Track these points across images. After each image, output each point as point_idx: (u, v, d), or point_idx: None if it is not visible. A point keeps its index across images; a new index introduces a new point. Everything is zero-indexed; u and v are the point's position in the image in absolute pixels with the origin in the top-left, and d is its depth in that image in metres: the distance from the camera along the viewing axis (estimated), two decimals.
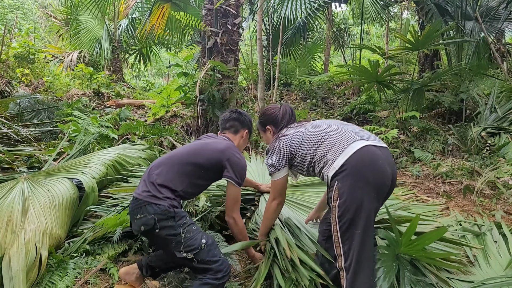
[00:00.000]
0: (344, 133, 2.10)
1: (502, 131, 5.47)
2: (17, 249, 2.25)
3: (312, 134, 2.22)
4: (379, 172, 1.96)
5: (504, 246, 2.73)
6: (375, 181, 1.94)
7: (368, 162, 1.95)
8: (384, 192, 2.02)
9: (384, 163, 1.98)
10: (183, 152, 2.42)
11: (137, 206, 2.18)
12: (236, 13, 5.84)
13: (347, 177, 1.94)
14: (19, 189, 2.81)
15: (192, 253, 2.11)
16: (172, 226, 2.13)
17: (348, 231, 1.93)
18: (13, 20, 14.81)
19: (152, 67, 19.59)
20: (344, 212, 1.92)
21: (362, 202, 1.91)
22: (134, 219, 2.18)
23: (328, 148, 2.09)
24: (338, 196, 1.95)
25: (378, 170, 1.95)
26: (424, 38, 5.71)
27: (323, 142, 2.14)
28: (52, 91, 9.15)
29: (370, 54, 14.95)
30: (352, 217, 1.91)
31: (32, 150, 4.62)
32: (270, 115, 2.56)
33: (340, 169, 1.97)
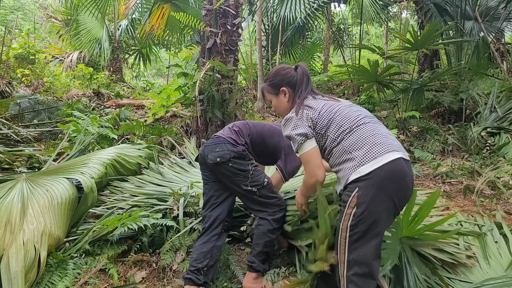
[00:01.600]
0: (379, 136, 1.88)
1: (502, 130, 5.47)
2: (16, 249, 2.24)
3: (343, 120, 1.96)
4: (404, 190, 1.84)
5: (505, 246, 2.72)
6: (399, 198, 1.82)
7: (398, 178, 1.81)
8: (402, 208, 1.94)
9: (410, 180, 1.85)
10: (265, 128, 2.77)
11: (218, 142, 2.53)
12: (236, 14, 5.83)
13: (371, 187, 1.77)
14: (18, 190, 2.81)
15: (257, 188, 2.47)
16: (242, 164, 2.49)
17: (358, 242, 1.80)
18: (14, 21, 14.81)
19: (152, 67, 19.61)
20: (359, 223, 1.78)
21: (381, 217, 1.78)
22: (211, 151, 2.49)
23: (358, 145, 1.86)
24: (356, 204, 1.78)
25: (404, 187, 1.83)
26: (424, 38, 5.71)
27: (352, 134, 1.90)
28: (52, 91, 9.15)
29: (369, 54, 14.94)
30: (366, 230, 1.78)
31: (32, 151, 4.62)
32: (286, 74, 2.25)
33: (366, 176, 1.78)
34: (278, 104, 2.28)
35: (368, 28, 18.59)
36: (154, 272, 2.62)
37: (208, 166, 2.55)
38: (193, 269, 2.36)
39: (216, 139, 2.57)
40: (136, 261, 2.68)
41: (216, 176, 2.57)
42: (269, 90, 2.30)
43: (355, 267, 1.79)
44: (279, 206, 2.52)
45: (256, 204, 2.53)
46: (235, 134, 2.61)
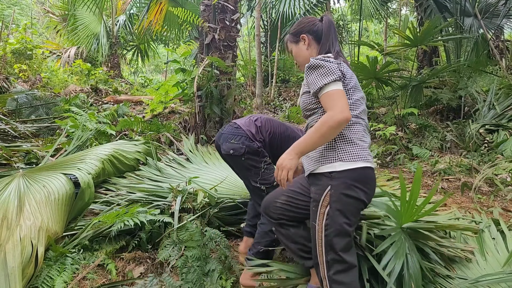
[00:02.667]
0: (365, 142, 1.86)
1: (501, 128, 5.48)
2: (12, 245, 2.24)
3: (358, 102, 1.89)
4: (372, 194, 1.87)
5: (502, 243, 2.73)
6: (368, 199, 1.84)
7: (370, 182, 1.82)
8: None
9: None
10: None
11: (235, 133, 2.52)
12: (234, 9, 5.81)
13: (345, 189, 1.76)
14: (15, 186, 2.80)
15: (265, 186, 2.50)
16: (256, 160, 2.50)
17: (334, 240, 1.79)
18: (11, 16, 14.73)
19: (150, 63, 19.57)
20: (332, 223, 1.77)
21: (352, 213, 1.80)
22: (226, 141, 2.50)
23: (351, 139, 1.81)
24: (329, 203, 1.77)
25: (373, 191, 1.86)
26: (423, 35, 5.70)
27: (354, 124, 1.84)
28: (50, 87, 9.11)
29: (368, 51, 14.93)
30: (340, 227, 1.77)
31: (29, 146, 4.60)
32: (308, 23, 2.08)
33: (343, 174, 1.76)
34: (297, 53, 2.11)
35: (367, 24, 18.57)
36: (152, 267, 2.62)
37: (222, 154, 2.59)
38: (251, 224, 2.65)
39: (234, 129, 2.56)
40: (134, 256, 2.68)
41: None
42: (290, 39, 2.15)
43: (335, 265, 1.78)
44: None
45: (261, 200, 2.44)
46: (255, 128, 2.58)
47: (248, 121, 2.62)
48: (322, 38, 2.01)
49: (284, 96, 10.93)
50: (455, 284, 2.30)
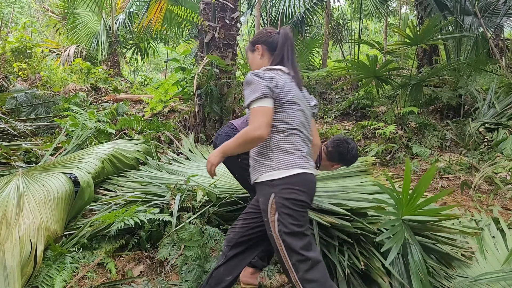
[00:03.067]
0: (303, 152, 1.94)
1: (500, 126, 5.47)
2: (11, 244, 2.23)
3: (295, 114, 1.97)
4: (313, 195, 1.95)
5: (502, 241, 2.74)
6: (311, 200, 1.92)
7: (310, 186, 1.90)
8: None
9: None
10: None
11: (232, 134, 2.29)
12: (234, 8, 5.80)
13: (287, 193, 1.83)
14: (14, 184, 2.80)
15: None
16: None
17: (292, 244, 1.83)
18: (10, 15, 14.72)
19: (150, 62, 19.55)
20: (284, 227, 1.82)
21: (301, 215, 1.85)
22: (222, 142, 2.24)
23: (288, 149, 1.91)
24: (276, 210, 1.83)
25: (313, 194, 1.94)
26: (423, 33, 5.69)
27: (292, 135, 1.94)
28: (49, 85, 9.10)
29: (368, 49, 14.92)
30: (293, 230, 1.82)
31: (29, 145, 4.60)
32: (265, 34, 2.17)
33: (282, 180, 1.84)
34: (252, 61, 2.20)
35: (367, 23, 18.56)
36: (151, 266, 2.62)
37: None
38: None
39: (230, 129, 2.55)
40: (133, 255, 2.68)
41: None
42: (248, 47, 2.25)
43: (301, 265, 1.81)
44: None
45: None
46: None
47: (244, 122, 2.58)
48: (276, 49, 2.08)
49: None
50: (455, 282, 2.30)
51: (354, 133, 6.51)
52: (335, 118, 8.32)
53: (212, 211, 3.01)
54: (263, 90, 1.85)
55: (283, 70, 2.03)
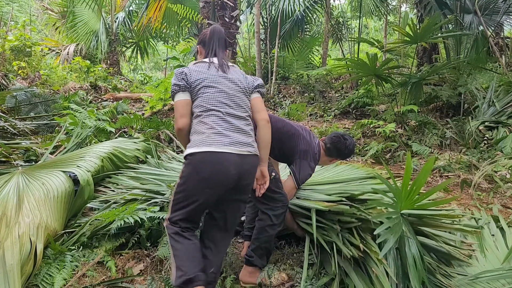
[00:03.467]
0: (215, 131, 2.05)
1: (500, 124, 5.48)
2: (11, 243, 2.24)
3: (209, 98, 2.12)
4: (216, 176, 2.01)
5: (501, 239, 2.74)
6: (213, 181, 2.00)
7: (211, 165, 2.00)
8: (223, 190, 2.07)
9: (230, 171, 2.01)
10: None
11: None
12: (234, 6, 5.80)
13: (189, 166, 2.04)
14: (14, 183, 2.80)
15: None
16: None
17: (176, 206, 2.08)
18: (9, 13, 14.69)
19: (150, 60, 19.51)
20: (179, 192, 2.06)
21: (194, 190, 2.03)
22: None
23: (201, 129, 2.07)
24: (180, 177, 2.08)
25: (216, 174, 2.00)
26: (423, 31, 5.69)
27: (206, 117, 2.09)
28: (49, 84, 9.10)
29: (368, 48, 14.90)
30: (183, 198, 2.05)
31: (29, 144, 4.60)
32: (202, 34, 2.39)
33: (191, 156, 2.03)
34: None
35: (367, 21, 18.54)
36: (152, 264, 2.62)
37: None
38: (250, 226, 2.70)
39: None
40: (133, 253, 2.68)
41: None
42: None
43: (169, 228, 2.07)
44: (281, 202, 2.47)
45: (262, 198, 2.42)
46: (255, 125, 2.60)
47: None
48: (206, 43, 2.31)
49: (284, 93, 10.91)
50: (455, 280, 2.30)
51: (354, 132, 6.51)
52: (335, 116, 8.31)
53: None
54: (172, 88, 2.14)
55: (205, 61, 2.24)
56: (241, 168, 2.05)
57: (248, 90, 2.28)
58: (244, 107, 2.21)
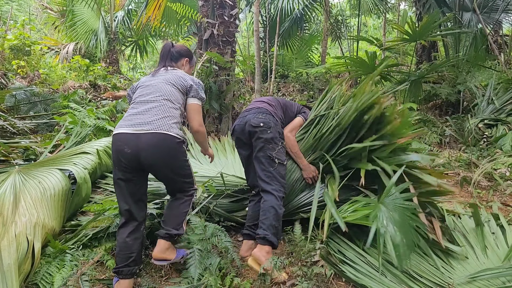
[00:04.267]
0: (128, 115, 2.41)
1: (500, 122, 5.48)
2: (7, 242, 2.23)
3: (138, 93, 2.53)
4: (116, 153, 2.31)
5: (502, 237, 2.74)
6: (115, 158, 2.33)
7: (114, 145, 2.33)
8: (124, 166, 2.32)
9: (125, 148, 2.27)
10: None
11: (261, 111, 2.87)
12: (233, 4, 5.79)
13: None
14: (11, 182, 2.79)
15: (278, 161, 2.76)
16: (277, 137, 2.82)
17: None
18: (9, 12, 14.67)
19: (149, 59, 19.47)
20: None
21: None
22: (255, 117, 2.82)
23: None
24: None
25: (116, 152, 2.31)
26: (422, 29, 5.68)
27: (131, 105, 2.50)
28: (48, 83, 9.07)
29: (367, 46, 14.90)
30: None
31: (28, 143, 4.59)
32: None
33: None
34: None
35: (366, 19, 18.52)
36: (151, 264, 2.62)
37: (245, 132, 2.84)
38: (251, 224, 2.81)
39: (257, 109, 2.90)
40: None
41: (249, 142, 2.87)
42: None
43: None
44: (283, 188, 2.74)
45: (267, 175, 2.73)
46: (272, 107, 2.96)
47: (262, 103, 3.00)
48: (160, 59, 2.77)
49: (283, 92, 10.91)
50: (455, 278, 2.31)
51: None
52: None
53: (212, 207, 3.03)
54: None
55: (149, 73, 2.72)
56: (136, 147, 2.26)
57: (182, 88, 2.56)
58: (163, 94, 2.46)
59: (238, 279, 2.40)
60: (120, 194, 2.35)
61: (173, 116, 2.41)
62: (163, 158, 2.33)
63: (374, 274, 2.30)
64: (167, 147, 2.31)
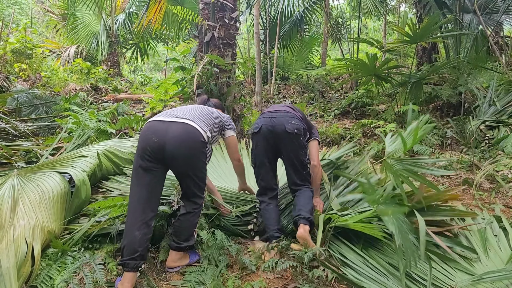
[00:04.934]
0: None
1: (501, 124, 5.47)
2: (6, 245, 2.22)
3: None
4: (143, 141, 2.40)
5: (504, 239, 2.73)
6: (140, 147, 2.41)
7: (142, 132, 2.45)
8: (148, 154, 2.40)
9: (156, 134, 2.37)
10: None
11: (291, 116, 2.96)
12: (233, 7, 5.79)
13: None
14: (9, 185, 2.78)
15: (309, 166, 3.02)
16: (305, 143, 3.03)
17: None
18: (11, 15, 14.71)
19: (150, 61, 19.53)
20: None
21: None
22: (288, 122, 2.89)
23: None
24: None
25: (144, 139, 2.40)
26: (422, 31, 5.68)
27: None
28: (50, 86, 9.10)
29: (367, 48, 14.90)
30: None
31: (30, 145, 4.59)
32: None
33: None
34: None
35: (366, 21, 18.54)
36: (153, 266, 2.62)
37: (275, 135, 2.91)
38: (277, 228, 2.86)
39: (285, 113, 2.98)
40: None
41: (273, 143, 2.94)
42: None
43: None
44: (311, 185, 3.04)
45: (301, 177, 2.97)
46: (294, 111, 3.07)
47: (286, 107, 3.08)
48: None
49: (283, 94, 10.92)
50: (457, 281, 2.30)
51: (354, 132, 6.50)
52: (335, 116, 8.31)
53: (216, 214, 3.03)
54: None
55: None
56: (164, 137, 2.35)
57: (215, 117, 2.76)
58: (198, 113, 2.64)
59: (239, 282, 2.40)
60: (136, 182, 2.40)
61: (205, 124, 2.58)
62: (186, 154, 2.40)
63: (376, 277, 2.29)
64: (192, 142, 2.41)
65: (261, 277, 2.44)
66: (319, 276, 2.34)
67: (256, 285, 2.33)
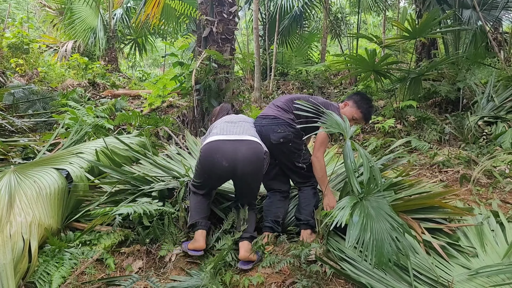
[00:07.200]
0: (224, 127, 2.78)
1: (499, 120, 5.47)
2: (2, 242, 2.22)
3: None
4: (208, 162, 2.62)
5: (501, 234, 2.74)
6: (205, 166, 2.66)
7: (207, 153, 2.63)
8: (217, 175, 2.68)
9: (222, 156, 2.55)
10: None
11: (277, 123, 2.90)
12: (232, 2, 5.77)
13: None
14: (6, 182, 2.76)
15: (305, 164, 2.95)
16: (299, 143, 2.93)
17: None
18: (7, 10, 14.63)
19: (148, 57, 19.46)
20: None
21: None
22: (273, 132, 2.87)
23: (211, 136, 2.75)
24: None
25: (209, 160, 2.61)
26: (422, 27, 5.68)
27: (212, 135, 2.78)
28: (47, 81, 9.06)
29: (367, 43, 14.87)
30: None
31: (27, 141, 4.58)
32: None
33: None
34: None
35: (366, 17, 18.49)
36: (151, 262, 2.62)
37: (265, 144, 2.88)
38: (273, 220, 2.91)
39: (272, 119, 2.93)
40: (132, 250, 2.68)
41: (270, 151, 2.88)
42: None
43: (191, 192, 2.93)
44: (314, 178, 2.97)
45: (302, 177, 3.01)
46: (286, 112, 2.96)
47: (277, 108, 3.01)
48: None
49: (282, 89, 10.90)
50: (454, 275, 2.30)
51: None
52: None
53: None
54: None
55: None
56: (234, 160, 2.55)
57: None
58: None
59: (238, 277, 2.40)
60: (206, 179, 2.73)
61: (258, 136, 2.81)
62: (255, 171, 2.66)
63: (374, 272, 2.29)
64: (259, 161, 2.64)
65: (259, 272, 2.45)
66: (317, 271, 2.34)
67: (254, 280, 2.34)
